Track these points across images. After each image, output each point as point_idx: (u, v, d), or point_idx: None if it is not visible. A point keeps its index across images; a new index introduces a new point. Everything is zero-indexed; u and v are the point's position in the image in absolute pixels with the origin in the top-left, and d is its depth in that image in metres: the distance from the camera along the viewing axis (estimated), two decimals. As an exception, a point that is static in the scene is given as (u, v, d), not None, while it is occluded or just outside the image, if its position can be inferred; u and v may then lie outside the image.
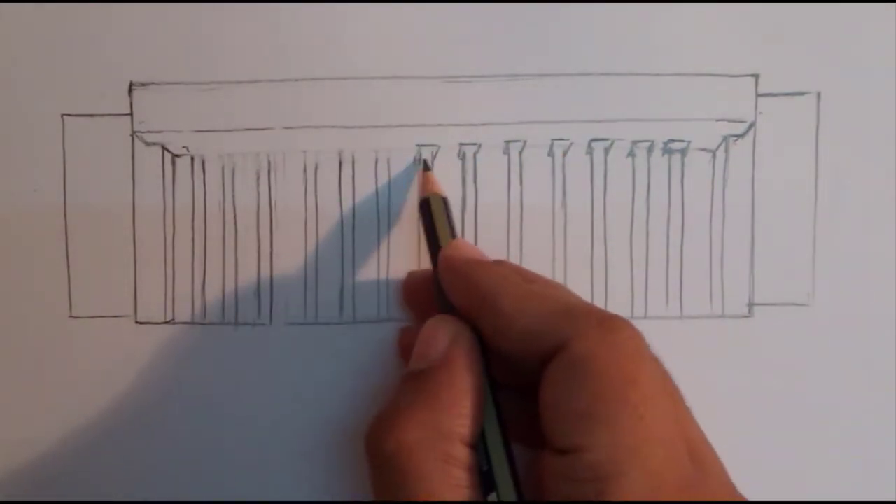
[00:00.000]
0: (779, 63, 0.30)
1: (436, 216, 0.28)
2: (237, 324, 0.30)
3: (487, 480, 0.23)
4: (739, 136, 0.30)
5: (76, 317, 0.30)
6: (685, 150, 0.30)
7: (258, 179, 0.30)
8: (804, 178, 0.30)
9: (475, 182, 0.30)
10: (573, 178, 0.30)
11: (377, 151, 0.30)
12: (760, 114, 0.30)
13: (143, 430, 0.30)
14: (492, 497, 0.23)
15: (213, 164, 0.30)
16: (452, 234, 0.28)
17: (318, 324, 0.30)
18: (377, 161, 0.30)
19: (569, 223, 0.30)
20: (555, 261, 0.30)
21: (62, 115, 0.30)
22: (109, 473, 0.30)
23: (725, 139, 0.30)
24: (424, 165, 0.30)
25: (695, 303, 0.31)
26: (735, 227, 0.30)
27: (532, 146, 0.30)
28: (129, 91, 0.30)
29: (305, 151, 0.30)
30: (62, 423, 0.30)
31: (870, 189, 0.30)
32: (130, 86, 0.30)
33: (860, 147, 0.30)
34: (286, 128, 0.30)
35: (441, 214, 0.28)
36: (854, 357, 0.30)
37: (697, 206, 0.30)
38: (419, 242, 0.30)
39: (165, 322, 0.30)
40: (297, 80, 0.30)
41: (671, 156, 0.30)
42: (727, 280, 0.30)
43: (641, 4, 0.30)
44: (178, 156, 0.30)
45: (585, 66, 0.30)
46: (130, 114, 0.30)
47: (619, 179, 0.30)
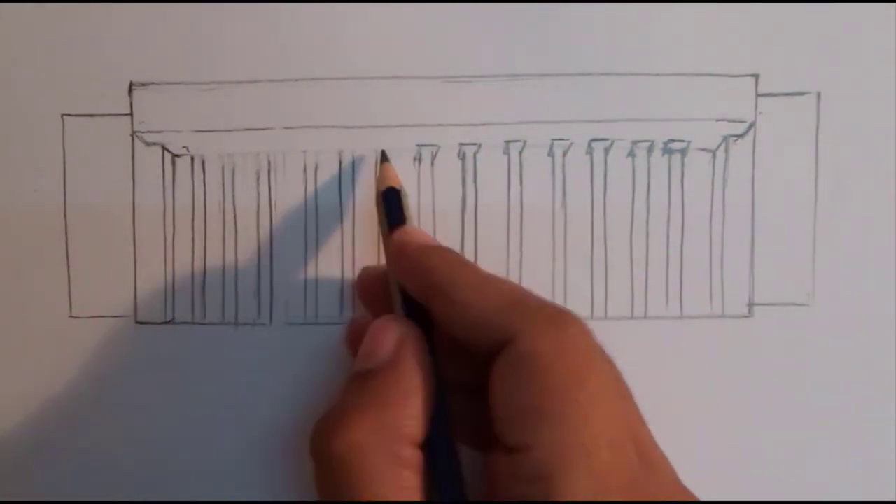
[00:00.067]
0: (779, 63, 0.30)
1: (391, 206, 0.28)
2: (237, 324, 0.30)
3: (434, 481, 0.23)
4: (739, 136, 0.30)
5: (76, 317, 0.30)
6: (685, 150, 0.30)
7: (258, 179, 0.30)
8: (804, 178, 0.30)
9: (475, 182, 0.30)
10: (573, 178, 0.30)
11: (377, 151, 0.30)
12: (760, 114, 0.30)
13: (143, 430, 0.30)
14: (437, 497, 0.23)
15: (213, 164, 0.30)
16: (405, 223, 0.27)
17: (318, 324, 0.30)
18: (377, 161, 0.30)
19: (569, 223, 0.30)
20: (555, 261, 0.30)
21: (62, 115, 0.30)
22: (110, 473, 0.30)
23: (725, 139, 0.30)
24: (382, 157, 0.29)
25: (695, 303, 0.31)
26: (735, 227, 0.30)
27: (532, 146, 0.30)
28: (129, 91, 0.30)
29: (305, 151, 0.30)
30: (62, 423, 0.30)
31: (870, 189, 0.30)
32: (130, 86, 0.30)
33: (860, 147, 0.30)
34: (286, 128, 0.30)
35: (397, 204, 0.28)
36: (854, 357, 0.30)
37: (697, 206, 0.30)
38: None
39: (165, 322, 0.30)
40: (297, 80, 0.30)
41: (671, 156, 0.30)
42: (727, 280, 0.30)
43: (641, 4, 0.30)
44: (178, 156, 0.30)
45: (585, 66, 0.30)
46: (130, 114, 0.30)
47: (619, 179, 0.30)
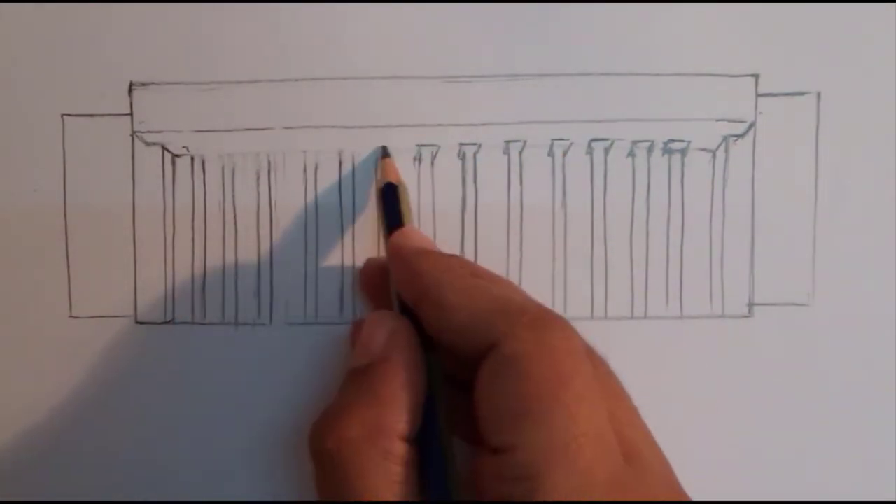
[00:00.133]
0: (779, 63, 0.30)
1: (389, 204, 0.28)
2: (237, 324, 0.30)
3: (425, 476, 0.23)
4: (739, 136, 0.30)
5: (76, 317, 0.30)
6: (685, 150, 0.30)
7: (258, 179, 0.30)
8: (804, 178, 0.30)
9: (475, 182, 0.30)
10: (573, 178, 0.30)
11: (378, 148, 0.30)
12: (760, 114, 0.30)
13: (144, 430, 0.30)
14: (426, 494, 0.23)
15: (213, 164, 0.30)
16: (404, 223, 0.27)
17: (318, 324, 0.30)
18: (377, 161, 0.30)
19: (569, 223, 0.30)
20: (555, 261, 0.30)
21: (62, 115, 0.30)
22: (110, 473, 0.30)
23: (725, 139, 0.30)
24: (383, 152, 0.30)
25: (695, 303, 0.31)
26: (735, 227, 0.30)
27: (532, 146, 0.30)
28: (129, 91, 0.30)
29: (305, 151, 0.30)
30: (62, 423, 0.30)
31: (870, 189, 0.30)
32: (130, 86, 0.30)
33: (860, 147, 0.30)
34: (286, 128, 0.30)
35: (396, 202, 0.28)
36: (854, 357, 0.30)
37: (697, 206, 0.30)
38: (419, 242, 0.30)
39: (165, 322, 0.30)
40: (297, 80, 0.30)
41: (671, 156, 0.30)
42: (727, 280, 0.30)
43: (641, 4, 0.30)
44: (178, 156, 0.30)
45: (585, 66, 0.30)
46: (130, 114, 0.30)
47: (619, 179, 0.30)
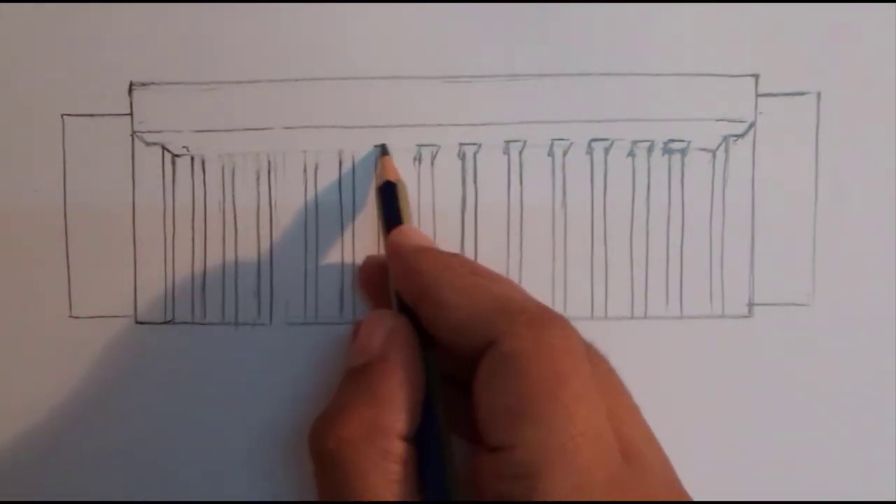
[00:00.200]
0: (779, 63, 0.30)
1: (388, 202, 0.28)
2: (237, 324, 0.30)
3: (423, 475, 0.23)
4: (739, 136, 0.30)
5: (76, 317, 0.30)
6: (685, 150, 0.30)
7: (258, 179, 0.30)
8: (804, 178, 0.30)
9: (475, 182, 0.30)
10: (573, 178, 0.30)
11: (378, 146, 0.30)
12: (760, 114, 0.30)
13: (144, 430, 0.30)
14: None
15: (213, 164, 0.30)
16: (403, 221, 0.27)
17: (318, 324, 0.30)
18: (377, 159, 0.30)
19: (569, 223, 0.30)
20: (555, 261, 0.30)
21: (62, 115, 0.30)
22: (110, 473, 0.30)
23: (725, 139, 0.30)
24: (382, 150, 0.30)
25: (695, 303, 0.31)
26: (735, 227, 0.30)
27: (532, 146, 0.30)
28: (129, 91, 0.30)
29: (305, 151, 0.30)
30: (62, 423, 0.30)
31: (870, 189, 0.30)
32: (130, 86, 0.30)
33: (860, 147, 0.30)
34: (286, 128, 0.30)
35: (395, 201, 0.28)
36: (854, 357, 0.30)
37: (697, 206, 0.30)
38: (419, 242, 0.30)
39: (165, 322, 0.30)
40: (297, 80, 0.30)
41: (671, 156, 0.30)
42: (727, 280, 0.30)
43: (641, 4, 0.30)
44: (178, 156, 0.30)
45: (585, 66, 0.30)
46: (130, 114, 0.30)
47: (619, 179, 0.30)
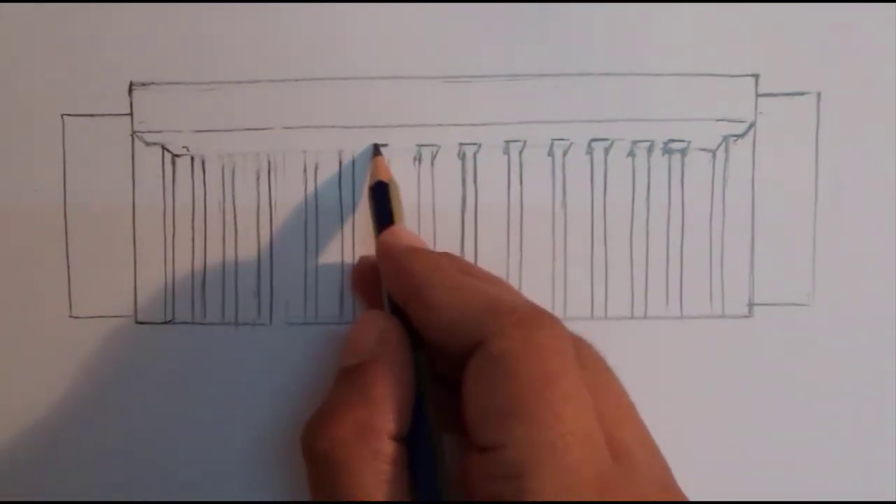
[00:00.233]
0: (779, 63, 0.30)
1: (379, 202, 0.28)
2: (237, 324, 0.30)
3: (414, 475, 0.23)
4: (739, 136, 0.30)
5: (76, 317, 0.30)
6: (685, 150, 0.30)
7: (258, 179, 0.30)
8: (804, 178, 0.30)
9: (475, 182, 0.30)
10: (573, 178, 0.30)
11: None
12: (760, 114, 0.30)
13: (144, 430, 0.30)
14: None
15: (213, 164, 0.30)
16: (395, 221, 0.27)
17: (318, 324, 0.30)
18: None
19: (569, 223, 0.30)
20: (555, 261, 0.30)
21: (62, 115, 0.30)
22: (109, 473, 0.30)
23: (725, 139, 0.30)
24: (374, 150, 0.30)
25: (695, 303, 0.31)
26: (735, 227, 0.30)
27: (532, 146, 0.30)
28: (129, 91, 0.30)
29: (305, 151, 0.30)
30: (62, 423, 0.30)
31: (870, 189, 0.30)
32: (130, 86, 0.30)
33: (860, 147, 0.30)
34: (286, 128, 0.30)
35: (386, 201, 0.28)
36: (854, 357, 0.30)
37: (697, 206, 0.30)
38: (419, 242, 0.30)
39: (165, 322, 0.30)
40: (297, 80, 0.30)
41: (671, 156, 0.30)
42: (727, 280, 0.30)
43: (641, 4, 0.30)
44: (178, 156, 0.30)
45: (585, 66, 0.30)
46: (130, 114, 0.30)
47: (619, 179, 0.30)
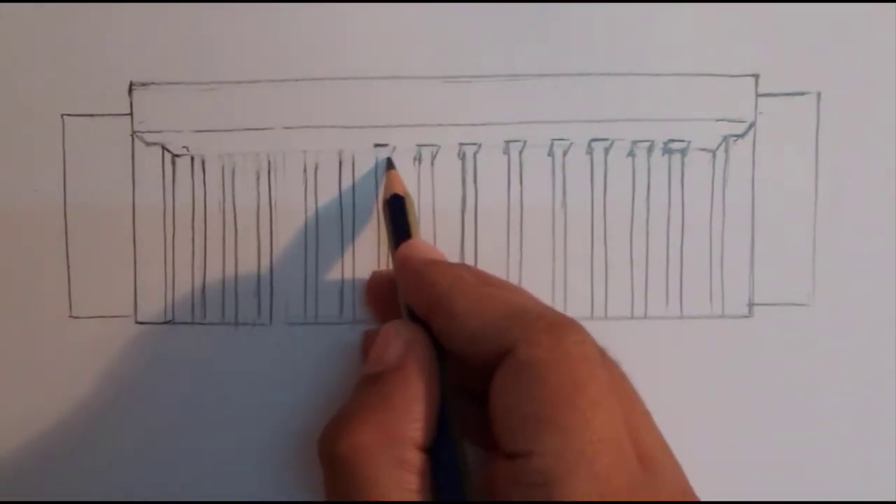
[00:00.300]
0: (779, 63, 0.30)
1: (395, 216, 0.28)
2: (237, 324, 0.30)
3: (438, 485, 0.23)
4: (739, 136, 0.30)
5: (76, 317, 0.30)
6: (685, 150, 0.30)
7: (258, 179, 0.30)
8: (804, 178, 0.30)
9: (475, 182, 0.30)
10: (573, 178, 0.30)
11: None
12: (760, 114, 0.30)
13: (144, 430, 0.30)
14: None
15: (213, 164, 0.30)
16: (411, 234, 0.27)
17: (318, 324, 0.30)
18: (376, 166, 0.30)
19: (569, 223, 0.30)
20: (555, 261, 0.30)
21: (62, 115, 0.30)
22: (109, 473, 0.30)
23: (725, 139, 0.30)
24: (388, 164, 0.30)
25: (695, 303, 0.31)
26: (735, 227, 0.30)
27: (532, 146, 0.30)
28: (129, 91, 0.30)
29: (305, 151, 0.30)
30: (62, 423, 0.30)
31: (870, 189, 0.30)
32: (130, 86, 0.30)
33: (860, 147, 0.30)
34: (286, 128, 0.30)
35: (401, 214, 0.28)
36: (854, 357, 0.30)
37: (697, 206, 0.30)
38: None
39: (165, 322, 0.30)
40: (297, 80, 0.30)
41: (671, 156, 0.30)
42: (727, 280, 0.30)
43: (641, 4, 0.30)
44: (178, 156, 0.30)
45: (585, 66, 0.30)
46: (130, 114, 0.30)
47: (619, 179, 0.30)
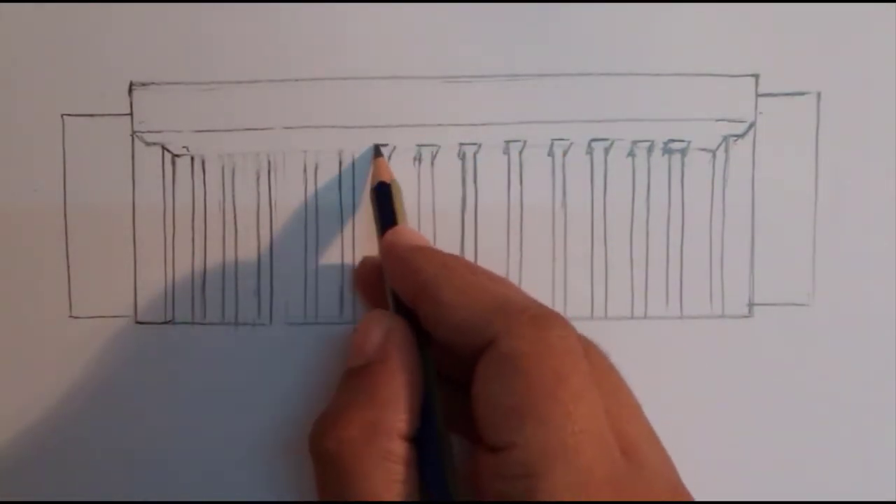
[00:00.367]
0: (779, 63, 0.30)
1: (382, 203, 0.28)
2: (237, 324, 0.30)
3: (424, 475, 0.23)
4: (739, 136, 0.30)
5: (76, 317, 0.30)
6: (685, 150, 0.30)
7: (258, 179, 0.30)
8: (804, 178, 0.30)
9: (475, 182, 0.30)
10: (573, 178, 0.30)
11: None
12: (760, 114, 0.30)
13: (143, 430, 0.30)
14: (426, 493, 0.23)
15: (213, 164, 0.30)
16: (398, 221, 0.27)
17: (318, 324, 0.30)
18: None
19: (569, 223, 0.30)
20: (555, 261, 0.30)
21: (62, 115, 0.30)
22: (109, 473, 0.30)
23: (725, 139, 0.30)
24: (376, 152, 0.30)
25: (695, 303, 0.31)
26: (735, 227, 0.30)
27: (532, 146, 0.30)
28: (129, 91, 0.30)
29: (305, 151, 0.30)
30: (62, 423, 0.30)
31: (870, 189, 0.30)
32: (130, 86, 0.30)
33: (860, 147, 0.30)
34: (286, 128, 0.30)
35: (388, 201, 0.28)
36: (854, 357, 0.30)
37: (697, 206, 0.30)
38: (419, 242, 0.30)
39: (165, 322, 0.30)
40: (297, 80, 0.30)
41: (671, 156, 0.30)
42: (727, 280, 0.30)
43: (641, 4, 0.30)
44: (178, 156, 0.30)
45: (585, 66, 0.30)
46: (130, 114, 0.30)
47: (619, 179, 0.30)
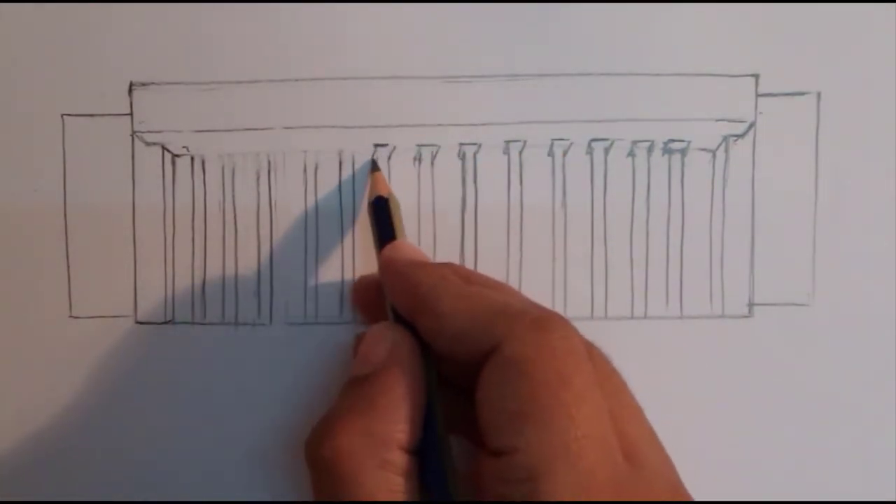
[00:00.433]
0: (779, 63, 0.30)
1: (380, 218, 0.28)
2: (237, 324, 0.30)
3: (424, 486, 0.23)
4: (739, 136, 0.30)
5: (76, 317, 0.30)
6: (685, 150, 0.30)
7: (258, 179, 0.30)
8: (804, 178, 0.30)
9: (475, 182, 0.30)
10: (573, 178, 0.30)
11: (377, 152, 0.30)
12: (760, 114, 0.30)
13: (144, 430, 0.30)
14: None
15: (213, 164, 0.30)
16: (396, 236, 0.27)
17: (318, 324, 0.30)
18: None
19: (569, 223, 0.30)
20: (555, 261, 0.30)
21: (62, 115, 0.30)
22: (109, 473, 0.30)
23: (725, 139, 0.30)
24: (373, 166, 0.30)
25: (695, 303, 0.31)
26: (735, 227, 0.30)
27: (532, 146, 0.30)
28: (129, 91, 0.30)
29: (305, 151, 0.30)
30: (62, 423, 0.30)
31: (870, 189, 0.30)
32: (130, 86, 0.30)
33: (860, 147, 0.30)
34: (286, 128, 0.30)
35: (386, 216, 0.28)
36: (854, 357, 0.30)
37: (697, 206, 0.30)
38: (419, 243, 0.30)
39: (165, 322, 0.30)
40: (297, 80, 0.30)
41: (671, 156, 0.30)
42: (727, 280, 0.30)
43: (641, 4, 0.30)
44: (178, 156, 0.30)
45: (585, 66, 0.30)
46: (130, 114, 0.30)
47: (619, 179, 0.30)
